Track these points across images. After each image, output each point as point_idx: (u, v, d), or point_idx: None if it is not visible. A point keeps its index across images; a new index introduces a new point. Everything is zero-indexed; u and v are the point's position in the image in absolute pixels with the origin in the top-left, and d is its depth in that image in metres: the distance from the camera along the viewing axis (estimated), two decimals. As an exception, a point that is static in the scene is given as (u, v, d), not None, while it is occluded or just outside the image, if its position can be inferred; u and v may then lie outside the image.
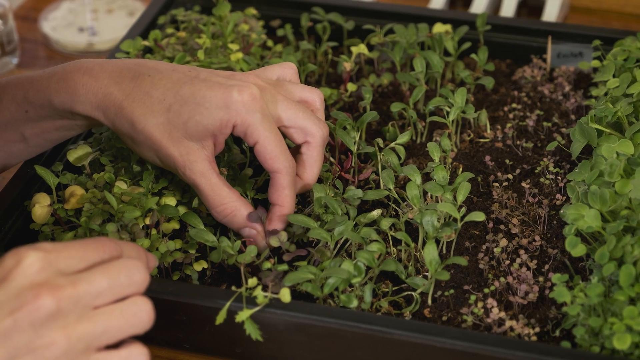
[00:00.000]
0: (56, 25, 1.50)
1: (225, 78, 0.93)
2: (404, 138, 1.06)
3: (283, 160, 0.91)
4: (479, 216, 0.93)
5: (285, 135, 0.95)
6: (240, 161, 1.04)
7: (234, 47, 1.18)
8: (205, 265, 0.96)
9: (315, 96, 0.97)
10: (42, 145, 1.00)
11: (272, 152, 0.91)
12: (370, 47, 1.27)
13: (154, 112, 0.90)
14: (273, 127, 0.91)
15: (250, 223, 0.93)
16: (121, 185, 0.98)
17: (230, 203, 0.92)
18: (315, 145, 0.95)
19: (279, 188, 0.93)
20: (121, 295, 0.72)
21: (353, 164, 1.05)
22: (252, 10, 1.29)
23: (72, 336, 0.69)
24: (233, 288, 0.89)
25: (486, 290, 0.93)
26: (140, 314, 0.72)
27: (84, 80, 0.93)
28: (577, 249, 0.90)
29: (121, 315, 0.71)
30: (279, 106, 0.93)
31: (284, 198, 0.93)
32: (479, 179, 1.07)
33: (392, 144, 1.06)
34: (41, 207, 0.97)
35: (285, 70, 0.99)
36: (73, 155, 1.03)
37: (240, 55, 1.16)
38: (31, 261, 0.69)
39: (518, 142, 1.11)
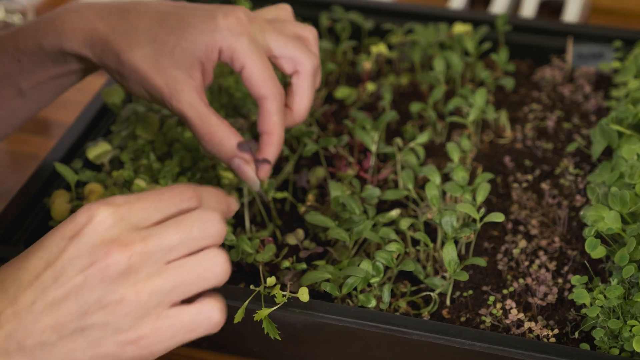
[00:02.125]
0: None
1: (212, 8, 0.91)
2: (423, 138, 1.06)
3: (271, 86, 0.89)
4: (498, 217, 0.93)
5: (275, 67, 0.92)
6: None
7: (253, 45, 1.18)
8: (224, 264, 0.96)
9: (308, 33, 0.95)
10: (39, 98, 0.99)
11: (258, 76, 0.88)
12: (390, 47, 1.27)
13: (140, 43, 0.89)
14: (260, 52, 0.89)
15: (240, 153, 0.89)
16: (140, 183, 0.98)
17: (219, 131, 0.89)
18: (305, 75, 0.92)
19: (267, 114, 0.89)
20: (195, 249, 0.70)
21: (372, 164, 1.05)
22: (271, 9, 1.29)
23: (143, 292, 0.67)
24: (251, 287, 0.89)
25: (505, 292, 0.93)
26: (214, 267, 0.70)
27: (70, 18, 0.92)
28: (597, 251, 0.90)
29: (192, 270, 0.69)
30: (267, 35, 0.91)
31: (272, 125, 0.89)
32: (499, 180, 1.06)
33: (412, 144, 1.06)
34: (60, 204, 0.98)
35: (280, 11, 0.97)
36: (93, 153, 1.03)
37: (259, 54, 1.16)
38: (103, 217, 0.68)
39: (538, 143, 1.11)
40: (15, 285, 0.68)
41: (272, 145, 0.90)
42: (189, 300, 0.70)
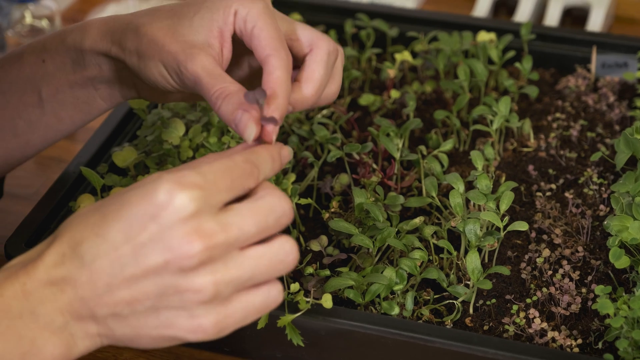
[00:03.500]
0: (101, 28, 1.51)
1: None
2: (447, 146, 1.06)
3: (278, 46, 0.84)
4: (521, 225, 0.93)
5: (291, 51, 0.88)
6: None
7: (278, 52, 1.18)
8: (247, 269, 0.96)
9: (330, 37, 0.92)
10: (57, 112, 0.98)
11: (267, 34, 0.84)
12: (414, 55, 1.27)
13: (161, 17, 0.89)
14: (273, 18, 0.86)
15: (246, 103, 0.80)
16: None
17: (230, 86, 0.83)
18: (318, 50, 0.88)
19: (270, 70, 0.82)
20: (266, 236, 0.72)
21: (396, 171, 1.05)
22: (296, 16, 1.29)
23: (220, 282, 0.69)
24: (275, 293, 0.89)
25: (528, 301, 0.93)
26: (287, 259, 0.72)
27: (98, 19, 0.94)
28: (621, 261, 0.90)
29: (269, 263, 0.71)
30: (285, 20, 0.89)
31: (274, 80, 0.82)
32: (522, 189, 1.06)
33: (435, 152, 1.06)
34: (86, 208, 0.98)
35: None
36: (118, 157, 1.03)
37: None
38: (183, 203, 0.68)
39: (561, 152, 1.11)
40: (91, 252, 0.68)
41: (275, 99, 0.81)
42: None
